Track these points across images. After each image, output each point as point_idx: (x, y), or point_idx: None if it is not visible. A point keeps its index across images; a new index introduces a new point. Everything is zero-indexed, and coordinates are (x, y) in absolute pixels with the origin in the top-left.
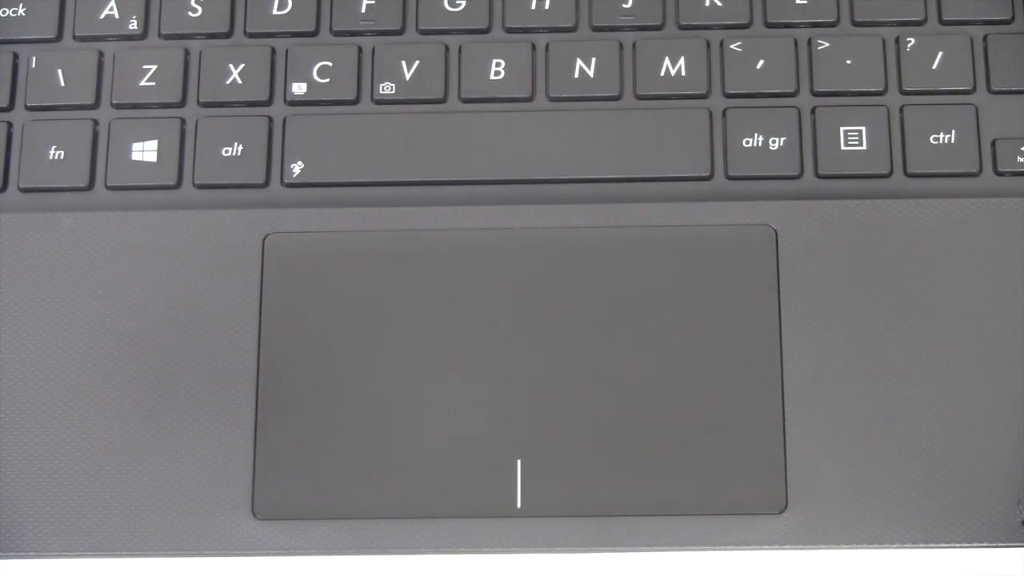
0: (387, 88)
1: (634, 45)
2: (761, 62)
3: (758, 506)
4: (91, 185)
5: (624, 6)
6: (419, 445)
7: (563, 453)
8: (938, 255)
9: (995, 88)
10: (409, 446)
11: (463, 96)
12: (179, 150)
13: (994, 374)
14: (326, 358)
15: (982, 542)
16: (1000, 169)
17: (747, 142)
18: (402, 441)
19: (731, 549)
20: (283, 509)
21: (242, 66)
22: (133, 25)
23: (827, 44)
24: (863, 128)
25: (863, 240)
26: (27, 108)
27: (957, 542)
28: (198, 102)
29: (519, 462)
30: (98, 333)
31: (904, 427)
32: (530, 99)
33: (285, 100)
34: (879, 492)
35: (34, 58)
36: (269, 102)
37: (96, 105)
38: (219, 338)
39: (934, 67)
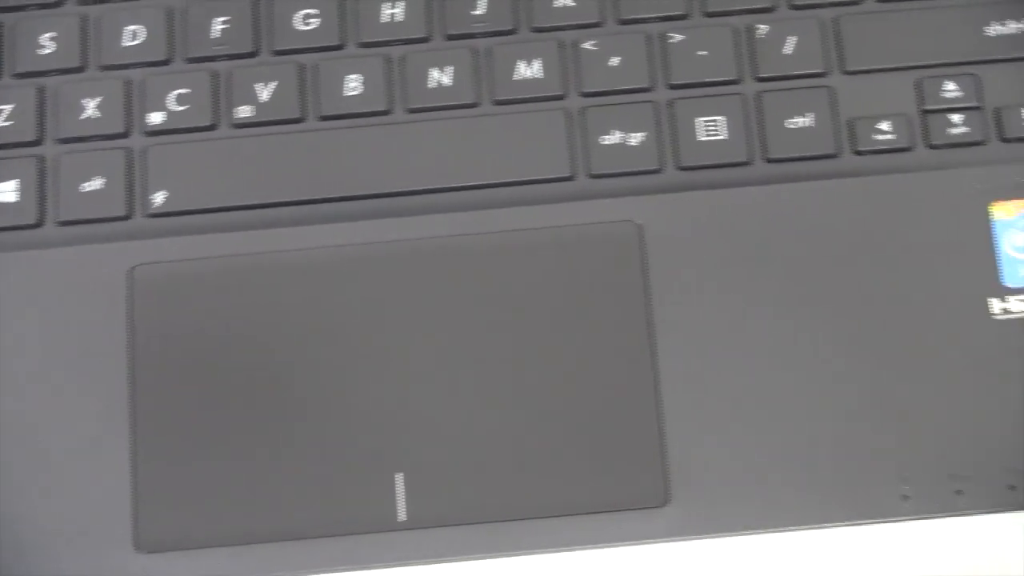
0: (245, 111)
1: (488, 51)
2: (616, 59)
3: (641, 501)
4: None
5: (476, 13)
6: (300, 466)
7: (443, 463)
8: (801, 238)
9: (849, 68)
10: (290, 467)
11: (321, 114)
12: (39, 188)
13: (867, 351)
14: (201, 384)
15: (865, 519)
16: (859, 148)
17: (607, 140)
18: (283, 463)
19: (617, 545)
20: (166, 541)
21: (98, 99)
22: None
23: (680, 37)
24: (721, 118)
25: (728, 228)
26: None
27: (841, 521)
28: (56, 139)
29: (400, 475)
30: None
31: (781, 410)
32: (389, 112)
33: (143, 131)
34: (760, 477)
35: None
36: (127, 134)
37: None
38: (91, 373)
39: (787, 52)
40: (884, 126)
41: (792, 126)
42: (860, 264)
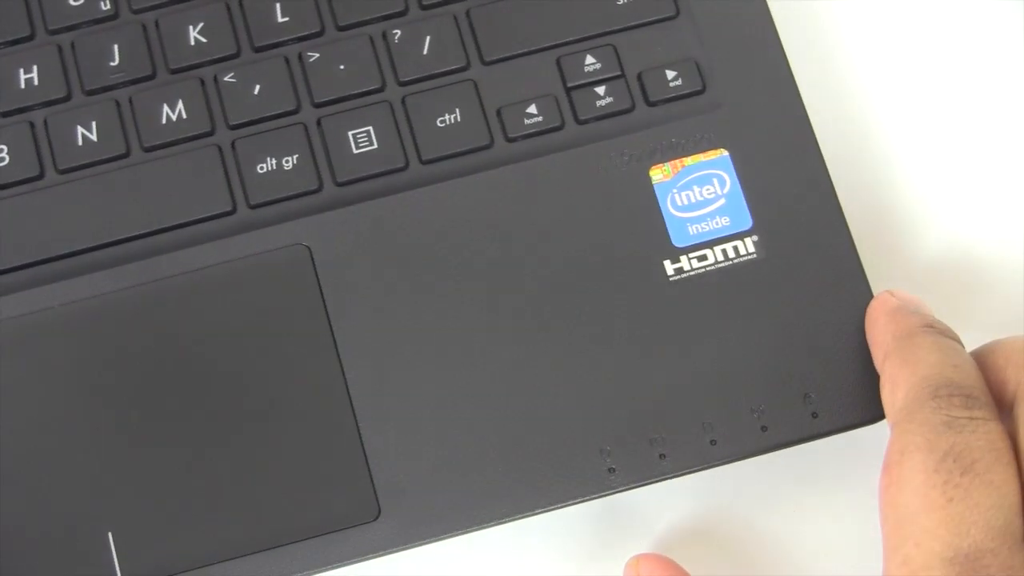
0: None
1: (130, 100)
2: (257, 87)
3: (353, 518)
4: None
5: (112, 64)
6: (12, 541)
7: (152, 515)
8: (468, 232)
9: (488, 59)
10: (1, 544)
11: None
12: None
13: (553, 332)
14: None
15: (576, 499)
16: (510, 135)
17: (262, 168)
18: None
19: (337, 566)
20: None
21: None
22: None
23: (317, 55)
24: (370, 128)
25: (394, 235)
26: None
27: (553, 504)
28: None
29: (110, 535)
30: None
31: (476, 405)
32: (40, 177)
33: None
34: (466, 475)
35: None
36: None
37: None
38: None
39: (425, 52)
40: (532, 109)
41: (442, 124)
42: (532, 249)
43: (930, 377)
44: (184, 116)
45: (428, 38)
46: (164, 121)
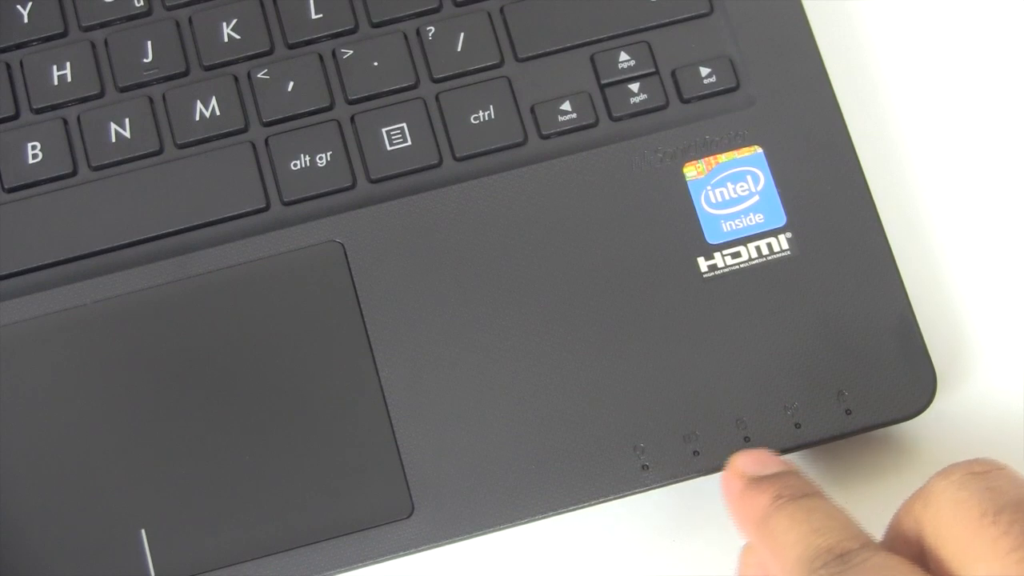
0: None
1: (164, 96)
2: (291, 84)
3: (386, 515)
4: None
5: (145, 61)
6: (46, 539)
7: (186, 513)
8: (501, 229)
9: (521, 56)
10: (35, 542)
11: (7, 187)
12: None
13: (582, 331)
14: None
15: (609, 496)
16: (544, 132)
17: (295, 165)
18: (27, 537)
19: (371, 563)
20: None
21: None
22: None
23: (351, 52)
24: (404, 125)
25: (427, 232)
26: None
27: (586, 502)
28: None
29: (143, 532)
30: None
31: (509, 403)
32: (73, 174)
33: None
34: (499, 472)
35: None
36: None
37: None
38: None
39: (459, 49)
40: (566, 106)
41: (476, 121)
42: (566, 246)
43: (801, 558)
44: (217, 113)
45: (462, 35)
46: (197, 118)
